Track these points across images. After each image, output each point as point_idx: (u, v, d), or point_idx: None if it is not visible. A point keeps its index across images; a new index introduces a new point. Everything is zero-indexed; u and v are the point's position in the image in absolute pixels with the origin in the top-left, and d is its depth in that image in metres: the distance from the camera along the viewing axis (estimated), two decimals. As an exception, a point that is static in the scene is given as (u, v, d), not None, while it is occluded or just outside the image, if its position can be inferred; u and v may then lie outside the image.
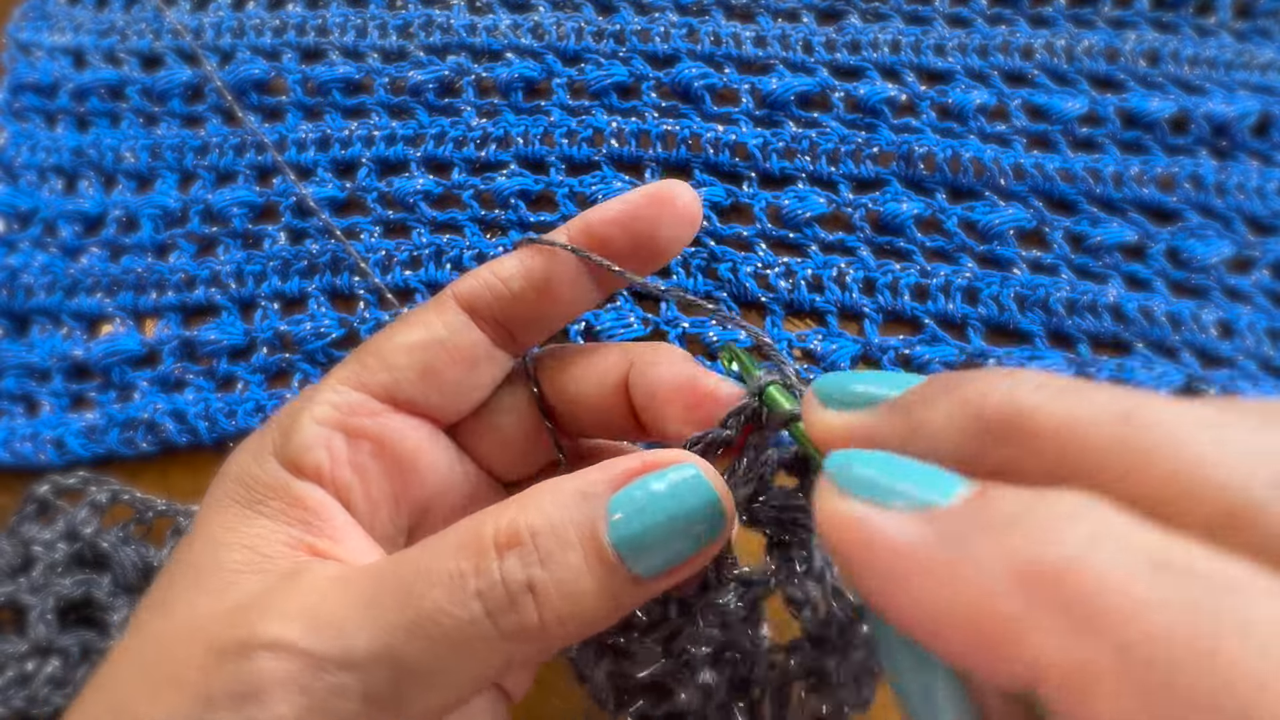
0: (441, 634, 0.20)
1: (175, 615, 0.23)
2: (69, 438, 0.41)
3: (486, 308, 0.27)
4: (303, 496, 0.25)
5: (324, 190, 0.44)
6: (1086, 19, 0.47)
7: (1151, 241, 0.43)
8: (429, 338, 0.27)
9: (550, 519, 0.21)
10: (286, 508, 0.25)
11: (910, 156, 0.44)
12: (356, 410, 0.26)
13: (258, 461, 0.26)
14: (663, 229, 0.27)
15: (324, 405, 0.26)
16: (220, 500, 0.25)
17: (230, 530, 0.24)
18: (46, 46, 0.47)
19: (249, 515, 0.25)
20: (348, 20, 0.47)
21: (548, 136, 0.44)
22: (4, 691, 0.36)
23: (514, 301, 0.27)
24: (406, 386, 0.27)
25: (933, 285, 0.42)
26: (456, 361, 0.27)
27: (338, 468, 0.26)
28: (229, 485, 0.26)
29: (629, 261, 0.27)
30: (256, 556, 0.24)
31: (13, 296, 0.43)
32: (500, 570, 0.21)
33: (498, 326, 0.28)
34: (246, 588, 0.23)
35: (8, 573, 0.38)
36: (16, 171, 0.45)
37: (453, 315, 0.27)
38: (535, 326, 0.28)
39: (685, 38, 0.46)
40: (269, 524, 0.25)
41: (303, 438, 0.25)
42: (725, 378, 0.27)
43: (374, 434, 0.26)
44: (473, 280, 0.27)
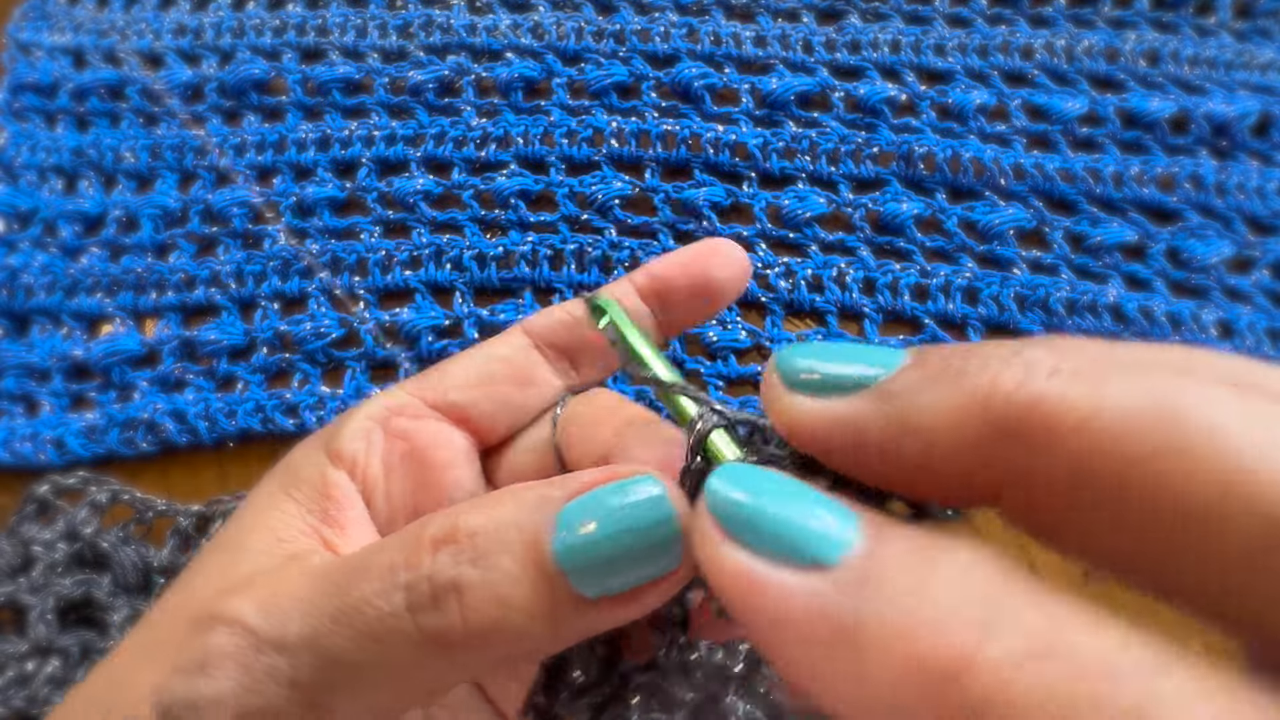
0: (365, 625, 0.20)
1: (187, 588, 0.24)
2: (69, 438, 0.41)
3: (550, 333, 0.29)
4: (332, 484, 0.26)
5: (324, 190, 0.44)
6: (1086, 19, 0.47)
7: (1151, 241, 0.43)
8: (489, 354, 0.29)
9: (494, 520, 0.20)
10: (315, 494, 0.25)
11: (910, 156, 0.44)
12: (403, 410, 0.27)
13: (307, 448, 0.27)
14: (718, 274, 0.29)
15: (378, 403, 0.27)
16: (267, 481, 0.26)
17: (260, 511, 0.25)
18: (46, 46, 0.47)
19: (281, 498, 0.25)
20: (348, 20, 0.47)
21: (548, 136, 0.44)
22: (4, 691, 0.36)
23: (577, 329, 0.29)
24: (457, 393, 0.28)
25: (933, 285, 0.42)
26: (513, 376, 0.28)
27: (371, 461, 0.26)
28: (280, 467, 0.27)
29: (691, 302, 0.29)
30: (273, 539, 0.24)
31: (13, 296, 0.43)
32: (430, 564, 0.19)
33: (559, 353, 0.29)
34: (252, 566, 0.23)
35: (8, 573, 0.38)
36: (16, 171, 0.45)
37: (516, 338, 0.29)
38: (596, 361, 0.29)
39: (685, 38, 0.46)
40: (294, 508, 0.25)
41: (348, 427, 0.27)
42: None
43: (410, 436, 0.27)
44: (543, 315, 0.29)
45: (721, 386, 0.41)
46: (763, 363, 0.42)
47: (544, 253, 0.43)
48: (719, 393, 0.41)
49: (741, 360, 0.42)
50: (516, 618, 0.19)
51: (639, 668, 0.21)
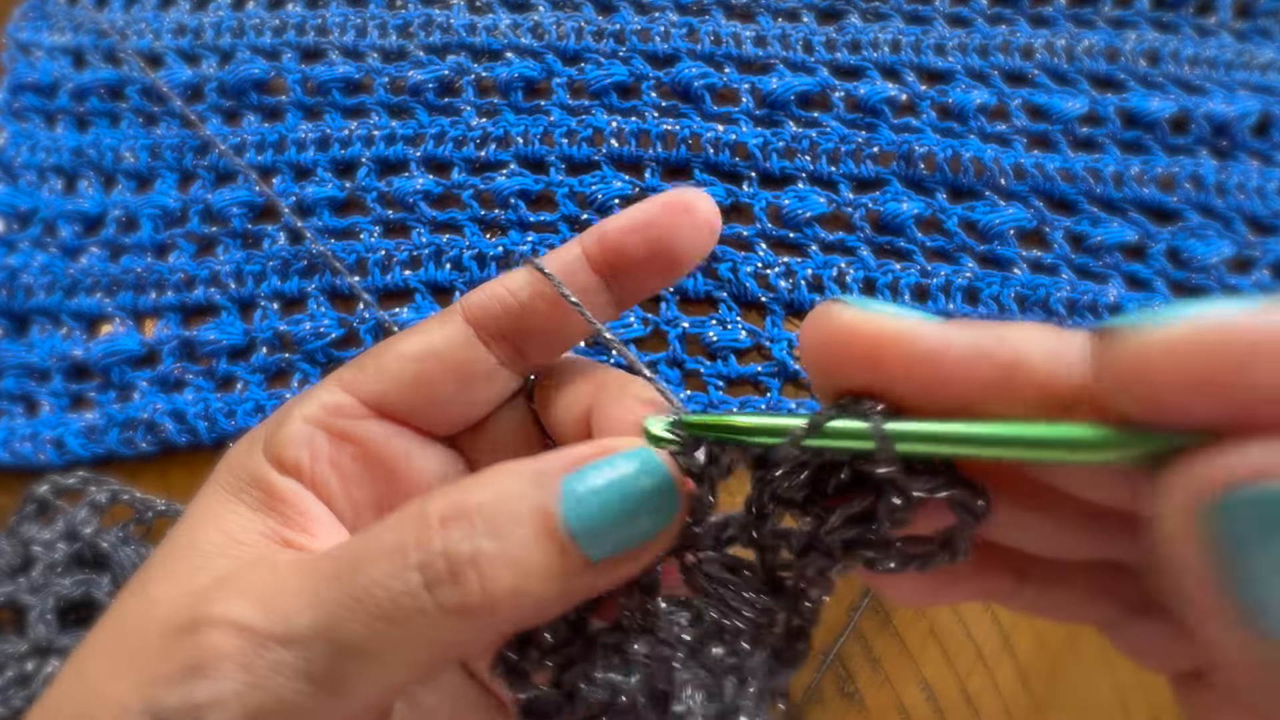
0: (379, 608, 0.20)
1: (145, 594, 0.24)
2: (69, 438, 0.41)
3: (494, 321, 0.27)
4: (280, 490, 0.25)
5: (324, 190, 0.44)
6: (1086, 19, 0.47)
7: (1152, 241, 0.43)
8: (425, 349, 0.27)
9: (501, 494, 0.21)
10: (265, 499, 0.25)
11: (910, 156, 0.44)
12: (342, 412, 0.26)
13: (248, 452, 0.26)
14: (681, 238, 0.26)
15: (314, 404, 0.26)
16: (210, 485, 0.26)
17: (211, 515, 0.25)
18: (46, 46, 0.47)
19: (231, 502, 0.25)
20: (348, 20, 0.47)
21: (548, 136, 0.44)
22: (4, 691, 0.36)
23: (522, 315, 0.26)
24: (394, 395, 0.26)
25: (933, 285, 0.42)
26: (450, 375, 0.27)
27: (318, 466, 0.26)
28: (221, 472, 0.26)
29: (648, 271, 0.27)
30: (230, 541, 0.24)
31: (13, 296, 0.43)
32: (442, 541, 0.20)
33: (505, 342, 0.27)
34: (213, 570, 0.23)
35: (8, 573, 0.38)
36: (16, 171, 0.45)
37: (455, 328, 0.27)
38: (544, 343, 0.27)
39: (685, 37, 0.46)
40: (247, 512, 0.25)
41: (288, 433, 0.26)
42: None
43: (357, 437, 0.26)
44: (481, 293, 0.27)
45: (721, 386, 0.41)
46: (763, 363, 0.42)
47: (544, 252, 0.43)
48: (719, 393, 0.41)
49: (741, 360, 0.42)
50: (534, 584, 0.20)
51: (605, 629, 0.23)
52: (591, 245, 0.27)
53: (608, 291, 0.27)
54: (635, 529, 0.21)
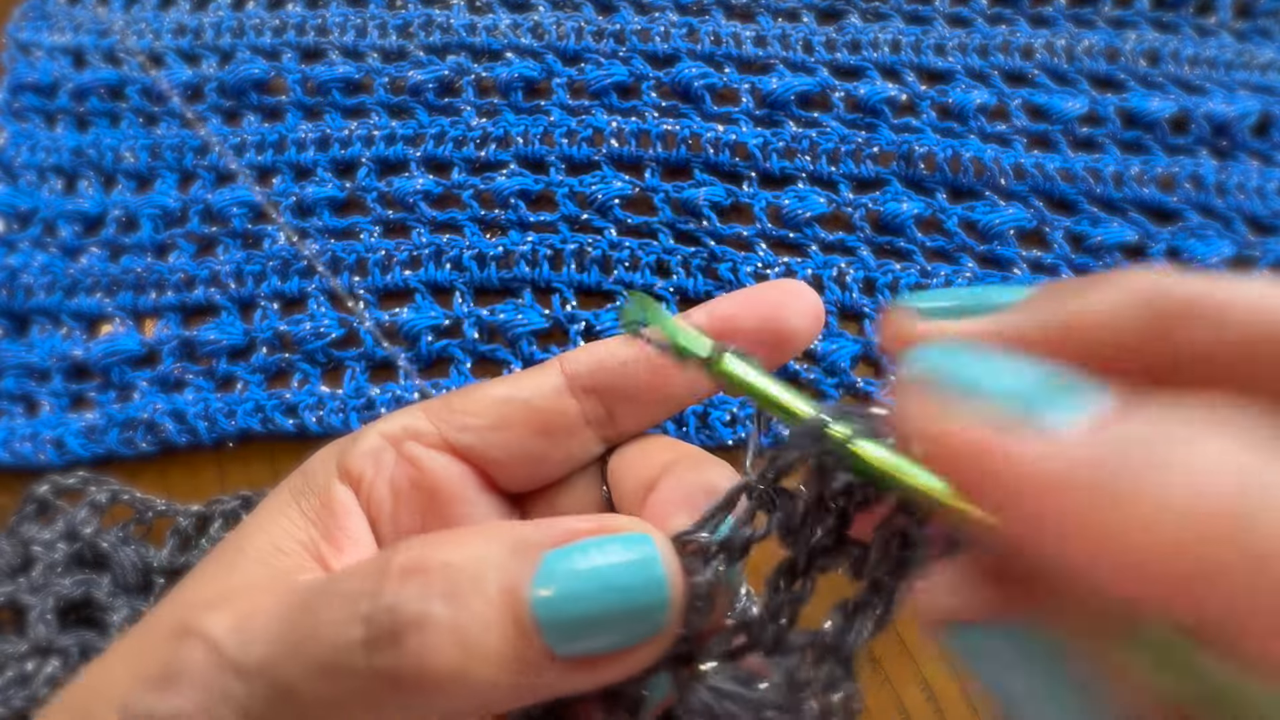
0: (317, 656, 0.18)
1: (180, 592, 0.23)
2: (69, 438, 0.41)
3: (589, 375, 0.25)
4: (336, 499, 0.25)
5: (324, 190, 0.44)
6: (1086, 19, 0.46)
7: (1152, 241, 0.43)
8: (512, 393, 0.25)
9: (470, 556, 0.18)
10: (320, 506, 0.25)
11: (910, 156, 0.44)
12: (418, 436, 0.25)
13: (324, 457, 0.26)
14: (790, 315, 0.25)
15: (395, 423, 0.26)
16: (282, 485, 0.25)
17: (267, 517, 0.24)
18: (46, 46, 0.47)
19: (289, 506, 0.25)
20: (347, 20, 0.47)
21: (548, 136, 0.44)
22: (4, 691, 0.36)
23: (619, 374, 0.25)
24: (475, 435, 0.25)
25: (933, 285, 0.42)
26: (534, 424, 0.25)
27: (378, 482, 0.25)
28: (298, 472, 0.26)
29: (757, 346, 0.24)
30: (273, 549, 0.23)
31: (13, 296, 0.43)
32: (394, 596, 0.18)
33: (596, 401, 0.26)
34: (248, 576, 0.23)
35: (8, 573, 0.38)
36: (16, 171, 0.45)
37: (549, 377, 0.25)
38: (637, 409, 0.26)
39: (685, 37, 0.46)
40: (299, 519, 0.24)
41: (361, 444, 0.25)
42: None
43: (420, 464, 0.25)
44: (584, 351, 0.26)
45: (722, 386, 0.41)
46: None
47: (544, 253, 0.43)
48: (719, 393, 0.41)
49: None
50: (480, 668, 0.17)
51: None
52: (700, 317, 0.25)
53: None
54: (616, 632, 0.18)
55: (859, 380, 0.41)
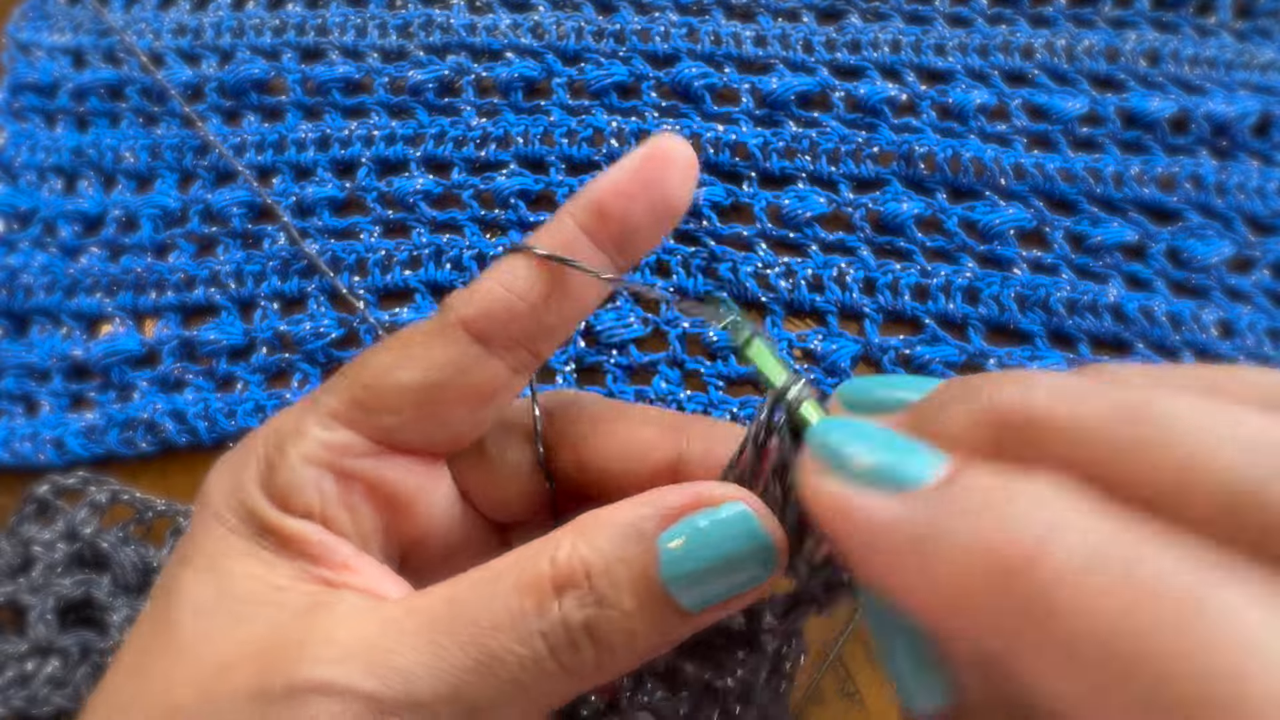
0: (509, 674, 0.21)
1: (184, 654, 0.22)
2: (69, 438, 0.41)
3: (503, 330, 0.24)
4: (298, 534, 0.23)
5: (324, 190, 0.44)
6: (1086, 19, 0.46)
7: (1152, 241, 0.43)
8: (434, 378, 0.24)
9: (604, 557, 0.21)
10: (284, 542, 0.23)
11: (910, 156, 0.44)
12: (349, 451, 0.24)
13: (247, 491, 0.24)
14: (671, 187, 0.24)
15: (313, 443, 0.24)
16: (211, 528, 0.23)
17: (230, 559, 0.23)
18: (46, 46, 0.47)
19: (247, 545, 0.23)
20: (347, 20, 0.47)
21: (548, 136, 0.44)
22: (4, 691, 0.36)
23: (530, 314, 0.24)
24: (407, 429, 0.24)
25: (933, 285, 0.42)
26: (465, 399, 0.24)
27: (329, 507, 0.24)
28: (219, 512, 0.24)
29: (649, 231, 0.25)
30: (266, 588, 0.22)
31: (12, 296, 0.43)
32: (561, 611, 0.21)
33: (514, 348, 0.24)
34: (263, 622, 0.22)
35: (8, 573, 0.38)
36: (16, 171, 0.45)
37: (463, 348, 0.24)
38: (552, 335, 0.25)
39: (685, 37, 0.46)
40: (270, 556, 0.23)
41: (291, 478, 0.23)
42: None
43: (368, 477, 0.25)
44: (483, 298, 0.24)
45: (721, 386, 0.41)
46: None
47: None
48: (719, 393, 0.41)
49: (742, 360, 0.42)
50: (640, 642, 0.21)
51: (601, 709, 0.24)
52: (587, 218, 0.24)
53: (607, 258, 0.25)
54: (732, 583, 0.21)
55: (859, 380, 0.41)
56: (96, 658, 0.37)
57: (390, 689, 0.20)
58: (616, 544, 0.21)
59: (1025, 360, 0.41)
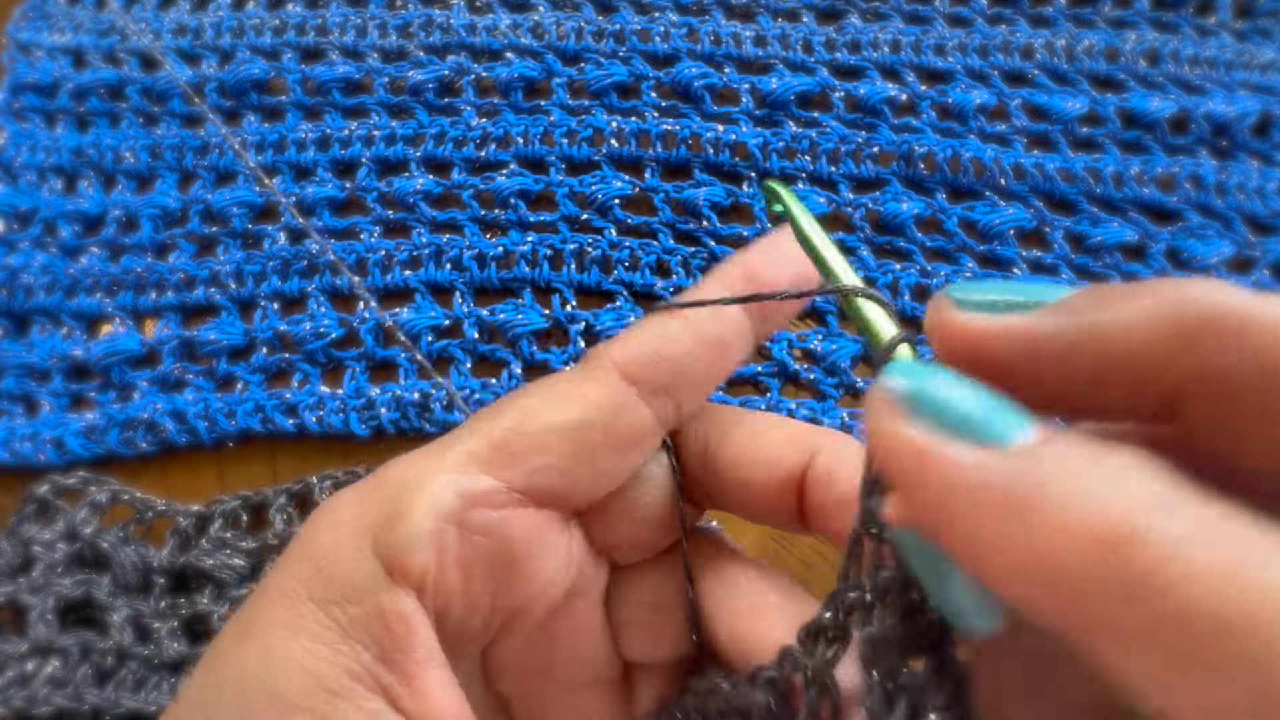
0: None
1: None
2: (69, 438, 0.41)
3: (654, 376, 0.23)
4: (391, 609, 0.20)
5: (324, 190, 0.44)
6: (1086, 19, 0.46)
7: (1151, 241, 0.43)
8: (586, 419, 0.22)
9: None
10: (369, 619, 0.20)
11: (910, 156, 0.44)
12: (484, 500, 0.21)
13: (350, 549, 0.21)
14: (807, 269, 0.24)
15: (446, 490, 0.21)
16: (291, 587, 0.21)
17: (295, 637, 0.20)
18: (46, 46, 0.47)
19: (322, 619, 0.20)
20: (348, 20, 0.47)
21: (548, 136, 0.44)
22: (4, 691, 0.36)
23: (682, 361, 0.23)
24: (554, 479, 0.22)
25: (933, 285, 0.42)
26: (614, 446, 0.23)
27: (444, 572, 0.21)
28: (306, 568, 0.21)
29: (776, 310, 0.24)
30: (316, 688, 0.19)
31: (13, 296, 0.43)
32: None
33: (661, 394, 0.23)
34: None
35: (8, 573, 0.38)
36: (16, 171, 0.45)
37: (615, 390, 0.23)
38: (697, 386, 0.24)
39: (685, 37, 0.46)
40: (340, 639, 0.20)
41: (413, 531, 0.21)
42: None
43: (495, 532, 0.22)
44: (636, 345, 0.23)
45: (721, 386, 0.41)
46: (763, 362, 0.42)
47: (544, 253, 0.43)
48: (719, 393, 0.41)
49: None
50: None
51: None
52: (738, 281, 0.24)
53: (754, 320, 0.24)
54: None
55: (859, 380, 0.41)
56: (96, 658, 0.37)
57: None
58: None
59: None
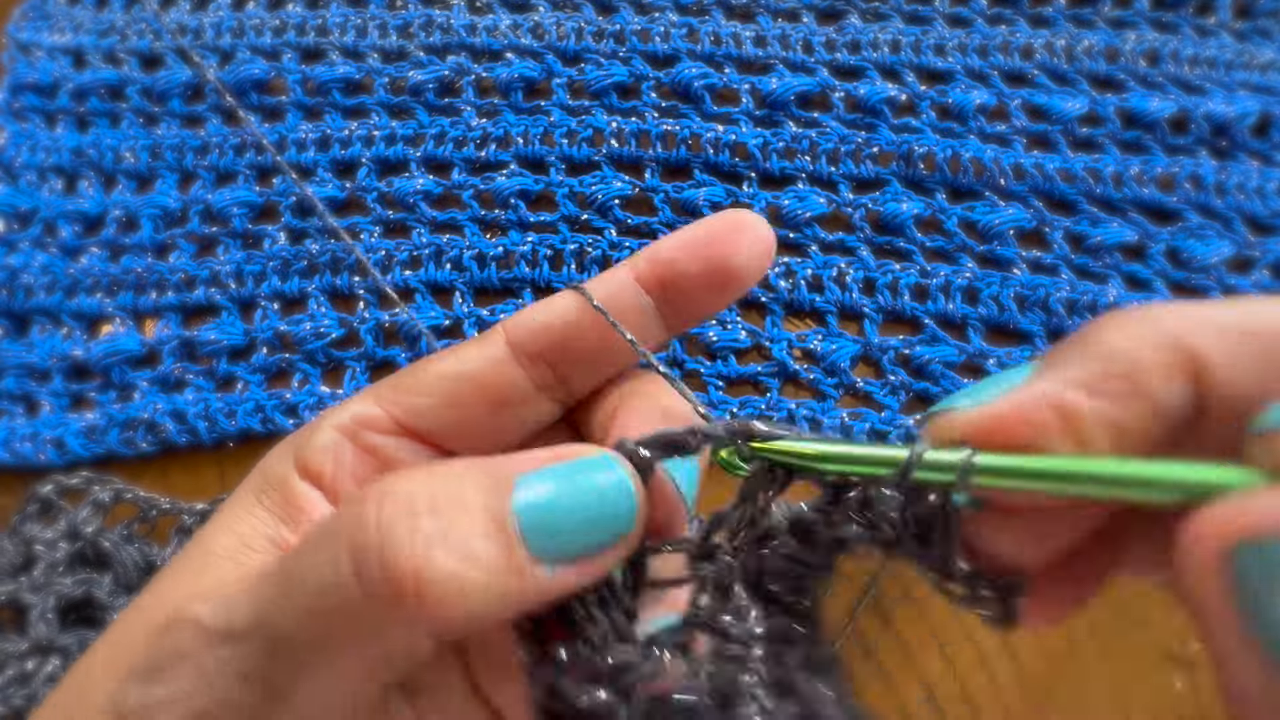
0: (306, 598, 0.19)
1: (151, 594, 0.24)
2: (69, 438, 0.41)
3: (534, 343, 0.25)
4: (298, 496, 0.25)
5: (324, 190, 0.44)
6: (1086, 19, 0.47)
7: (1151, 241, 0.43)
8: (460, 369, 0.26)
9: (449, 479, 0.19)
10: (283, 502, 0.25)
11: (910, 156, 0.44)
12: (372, 425, 0.26)
13: (279, 454, 0.26)
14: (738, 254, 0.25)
15: (346, 413, 0.26)
16: (242, 487, 0.26)
17: (232, 516, 0.25)
18: (46, 46, 0.47)
19: (252, 504, 0.25)
20: (348, 20, 0.47)
21: (548, 136, 0.44)
22: (4, 690, 0.36)
23: (565, 338, 0.25)
24: (427, 416, 0.26)
25: (933, 285, 0.42)
26: (484, 397, 0.26)
27: (340, 475, 0.25)
28: (254, 473, 0.26)
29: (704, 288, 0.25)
30: (240, 546, 0.24)
31: (13, 296, 0.43)
32: (377, 516, 0.18)
33: (544, 366, 0.26)
34: (218, 574, 0.23)
35: (9, 571, 0.38)
36: (16, 171, 0.45)
37: (494, 349, 0.26)
38: (587, 368, 0.26)
39: (685, 38, 0.46)
40: (264, 515, 0.25)
41: (316, 440, 0.25)
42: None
43: (382, 453, 0.26)
44: (525, 315, 0.26)
45: (721, 386, 0.41)
46: (763, 363, 0.42)
47: (544, 253, 0.43)
48: (719, 392, 0.41)
49: (741, 360, 0.42)
50: (474, 573, 0.18)
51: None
52: (643, 264, 0.26)
53: (659, 314, 0.26)
54: (590, 535, 0.20)
55: (859, 380, 0.41)
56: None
57: (217, 619, 0.20)
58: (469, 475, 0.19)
59: (1025, 360, 0.41)
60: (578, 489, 0.20)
